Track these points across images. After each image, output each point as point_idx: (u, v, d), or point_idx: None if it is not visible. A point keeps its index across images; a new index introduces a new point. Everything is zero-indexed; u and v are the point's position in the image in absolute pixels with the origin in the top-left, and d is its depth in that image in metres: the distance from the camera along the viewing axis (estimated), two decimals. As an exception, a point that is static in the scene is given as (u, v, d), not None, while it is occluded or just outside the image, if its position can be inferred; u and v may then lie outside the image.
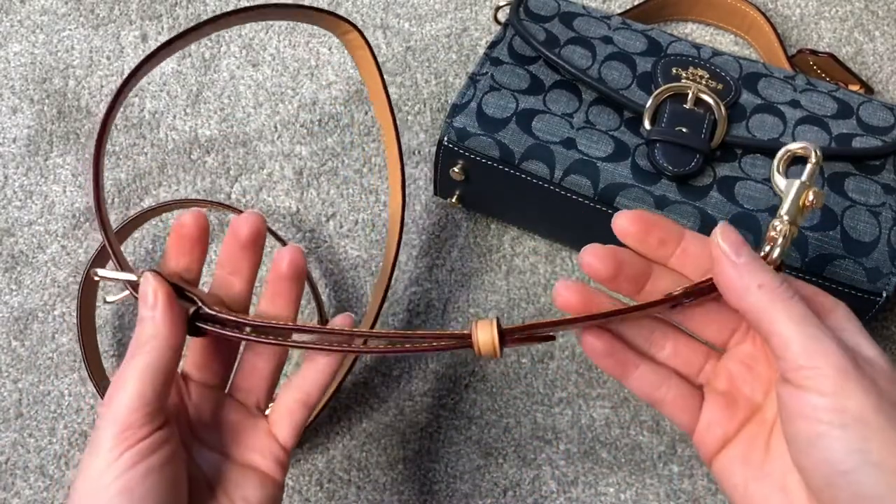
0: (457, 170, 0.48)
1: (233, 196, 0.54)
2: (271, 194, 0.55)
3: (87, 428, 0.48)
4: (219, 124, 0.57)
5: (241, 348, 0.36)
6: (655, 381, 0.34)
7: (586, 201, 0.45)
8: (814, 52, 0.56)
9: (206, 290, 0.34)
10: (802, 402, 0.28)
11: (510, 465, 0.47)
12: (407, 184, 0.55)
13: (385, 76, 0.59)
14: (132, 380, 0.29)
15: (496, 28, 0.51)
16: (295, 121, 0.57)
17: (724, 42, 0.61)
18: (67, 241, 0.53)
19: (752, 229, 0.43)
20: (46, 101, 0.58)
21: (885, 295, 0.42)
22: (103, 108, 0.57)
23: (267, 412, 0.36)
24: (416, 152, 0.56)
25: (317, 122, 0.57)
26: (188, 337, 0.32)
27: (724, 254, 0.30)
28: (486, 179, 0.48)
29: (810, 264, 0.43)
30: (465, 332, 0.31)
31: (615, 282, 0.33)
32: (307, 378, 0.34)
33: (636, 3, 0.60)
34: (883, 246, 0.43)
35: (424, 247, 0.53)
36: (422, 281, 0.52)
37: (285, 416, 0.34)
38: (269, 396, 0.36)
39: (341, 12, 0.61)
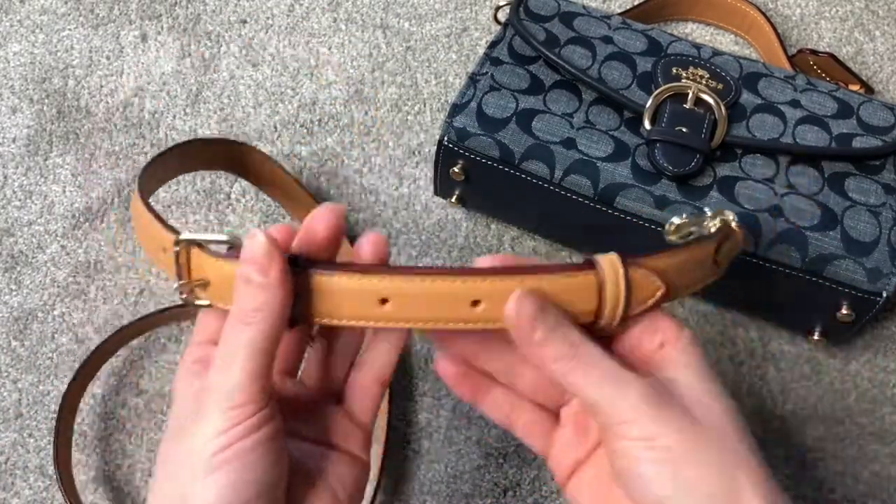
0: (457, 170, 0.48)
1: (232, 196, 0.54)
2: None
3: (87, 428, 0.48)
4: (219, 124, 0.57)
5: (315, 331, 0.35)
6: (508, 405, 0.34)
7: (586, 201, 0.45)
8: (814, 52, 0.56)
9: None
10: (617, 444, 0.28)
11: (510, 465, 0.47)
12: (407, 184, 0.55)
13: (385, 76, 0.59)
14: (241, 357, 0.28)
15: (496, 28, 0.51)
16: (295, 121, 0.57)
17: (724, 42, 0.61)
18: (67, 241, 0.53)
19: (751, 229, 0.43)
20: (46, 100, 0.58)
21: (885, 295, 0.42)
22: (103, 108, 0.57)
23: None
24: (416, 152, 0.56)
25: (317, 122, 0.57)
26: None
27: (518, 335, 0.29)
28: (486, 179, 0.48)
29: (810, 264, 0.43)
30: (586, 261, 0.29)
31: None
32: (379, 355, 0.34)
33: (636, 2, 0.60)
34: (883, 246, 0.43)
35: (424, 247, 0.53)
36: (422, 281, 0.52)
37: (362, 395, 0.34)
38: (346, 380, 0.35)
39: (341, 12, 0.61)
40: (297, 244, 0.31)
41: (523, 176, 0.46)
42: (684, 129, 0.44)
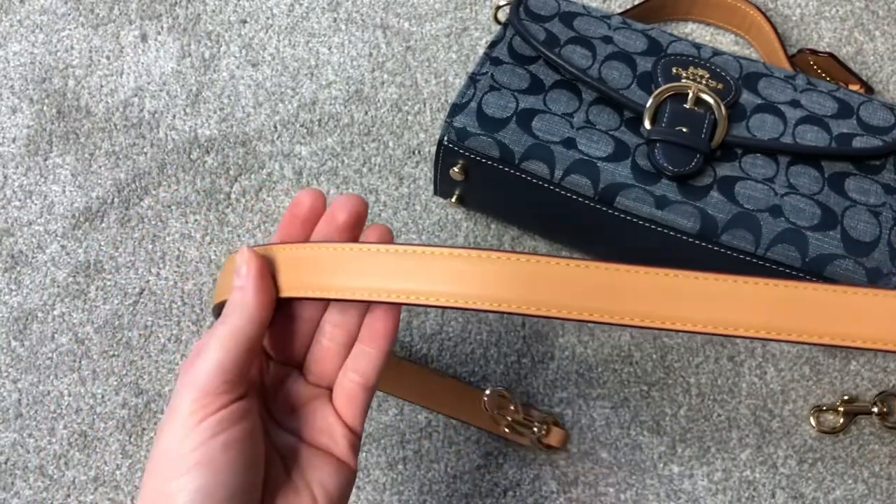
0: (457, 170, 0.48)
1: (232, 196, 0.54)
2: (271, 194, 0.55)
3: (87, 428, 0.48)
4: (218, 124, 0.57)
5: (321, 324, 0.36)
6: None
7: (586, 201, 0.45)
8: (814, 52, 0.56)
9: None
10: None
11: (510, 465, 0.47)
12: (407, 184, 0.55)
13: (385, 76, 0.59)
14: (213, 348, 0.29)
15: (496, 28, 0.51)
16: (295, 121, 0.57)
17: (725, 42, 0.61)
18: (67, 241, 0.53)
19: (752, 229, 0.43)
20: (46, 100, 0.58)
21: (885, 295, 0.42)
22: (103, 108, 0.57)
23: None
24: (416, 152, 0.56)
25: (317, 122, 0.57)
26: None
27: None
28: (486, 179, 0.48)
29: (810, 264, 0.43)
30: None
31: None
32: (362, 360, 0.34)
33: (636, 2, 0.60)
34: (883, 246, 0.43)
35: (424, 247, 0.53)
36: (422, 281, 0.52)
37: (348, 402, 0.34)
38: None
39: (341, 12, 0.61)
40: (320, 227, 0.33)
41: (523, 176, 0.46)
42: (684, 129, 0.44)
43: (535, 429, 0.46)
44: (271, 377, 0.34)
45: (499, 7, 0.51)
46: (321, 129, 0.57)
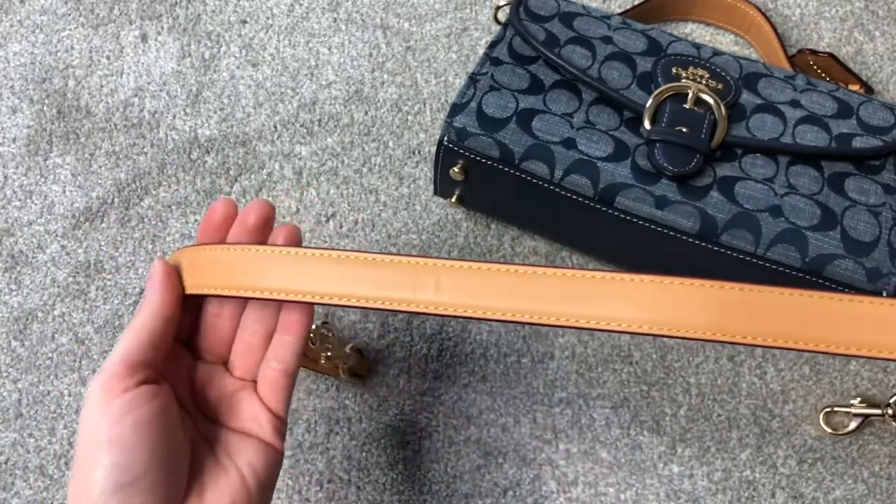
0: (457, 170, 0.48)
1: (232, 196, 0.54)
2: (271, 194, 0.55)
3: (87, 428, 0.48)
4: (218, 124, 0.57)
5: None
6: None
7: (586, 201, 0.45)
8: (814, 52, 0.56)
9: None
10: None
11: (510, 465, 0.47)
12: (407, 184, 0.55)
13: (385, 76, 0.59)
14: (121, 340, 0.33)
15: (496, 28, 0.51)
16: (295, 121, 0.57)
17: (724, 42, 0.61)
18: (67, 241, 0.53)
19: (752, 229, 0.43)
20: (46, 100, 0.58)
21: (885, 295, 0.42)
22: (103, 108, 0.57)
23: None
24: (416, 152, 0.56)
25: (317, 122, 0.57)
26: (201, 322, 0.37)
27: None
28: (486, 179, 0.48)
29: (810, 264, 0.43)
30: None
31: None
32: (281, 349, 0.37)
33: (636, 2, 0.60)
34: (883, 246, 0.43)
35: (424, 247, 0.53)
36: (422, 281, 0.52)
37: (272, 388, 0.36)
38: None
39: (341, 12, 0.61)
40: (233, 231, 0.37)
41: (523, 176, 0.46)
42: (684, 129, 0.44)
43: (346, 359, 0.47)
44: (200, 375, 0.37)
45: (499, 7, 0.51)
46: (321, 129, 0.57)
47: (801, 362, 0.50)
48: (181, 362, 0.37)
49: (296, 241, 0.37)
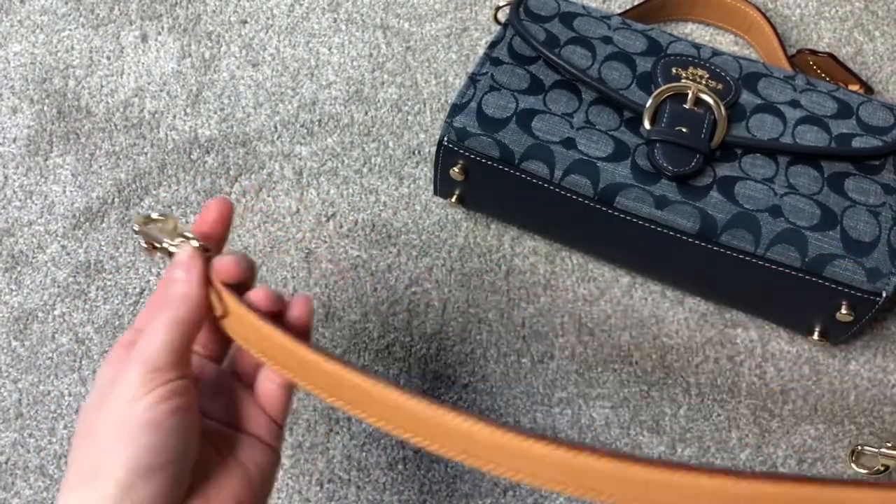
0: (457, 170, 0.48)
1: (232, 196, 0.54)
2: (271, 194, 0.55)
3: (87, 428, 0.48)
4: (219, 124, 0.57)
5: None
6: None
7: (586, 201, 0.45)
8: (814, 52, 0.56)
9: None
10: None
11: (510, 465, 0.47)
12: (407, 184, 0.55)
13: (385, 76, 0.59)
14: (162, 330, 0.32)
15: (496, 28, 0.51)
16: (295, 121, 0.57)
17: (724, 42, 0.61)
18: (67, 241, 0.53)
19: (751, 229, 0.43)
20: (46, 101, 0.58)
21: (884, 295, 0.42)
22: (103, 108, 0.57)
23: None
24: (416, 152, 0.56)
25: (317, 122, 0.57)
26: None
27: None
28: (486, 179, 0.48)
29: (810, 264, 0.43)
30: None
31: None
32: None
33: (636, 3, 0.60)
34: (883, 246, 0.43)
35: (424, 247, 0.53)
36: (421, 281, 0.52)
37: (270, 398, 0.36)
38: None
39: (341, 12, 0.61)
40: (195, 225, 0.37)
41: (523, 176, 0.46)
42: (684, 129, 0.44)
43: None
44: (198, 370, 0.37)
45: (499, 7, 0.51)
46: (321, 130, 0.57)
47: (800, 362, 0.50)
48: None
49: (310, 311, 0.36)
